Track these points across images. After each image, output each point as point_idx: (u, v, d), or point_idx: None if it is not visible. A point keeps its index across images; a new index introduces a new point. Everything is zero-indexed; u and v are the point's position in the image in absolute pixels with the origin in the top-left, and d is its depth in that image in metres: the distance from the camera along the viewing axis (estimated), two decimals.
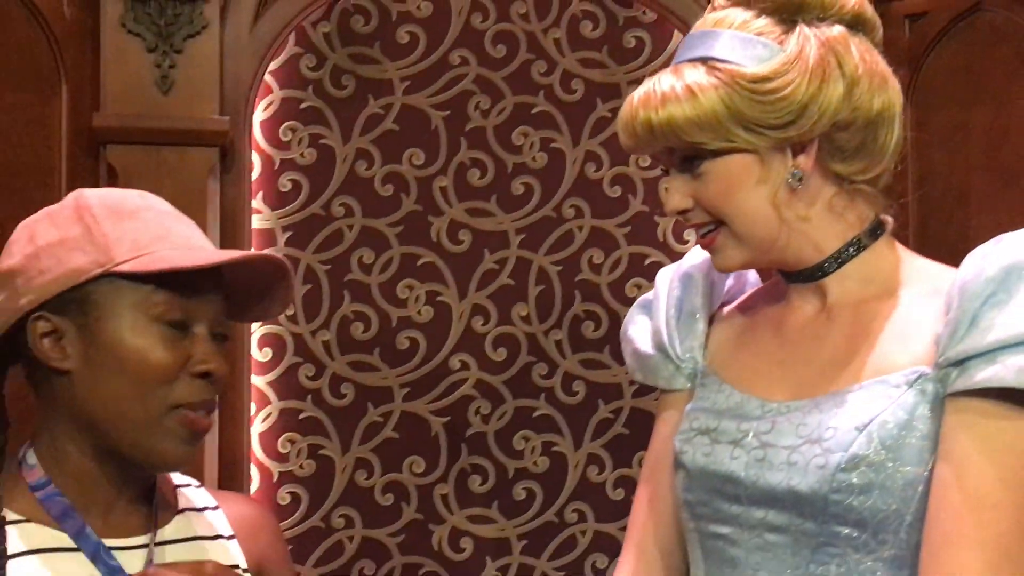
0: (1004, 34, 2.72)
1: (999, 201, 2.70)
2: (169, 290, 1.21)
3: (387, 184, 2.87)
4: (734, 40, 1.28)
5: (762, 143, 1.26)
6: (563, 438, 2.88)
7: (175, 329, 1.22)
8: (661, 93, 1.26)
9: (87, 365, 1.21)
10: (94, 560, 1.21)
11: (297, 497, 2.81)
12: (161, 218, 1.26)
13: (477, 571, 2.84)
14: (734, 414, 1.32)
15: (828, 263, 1.31)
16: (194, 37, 2.68)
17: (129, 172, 2.60)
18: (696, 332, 1.43)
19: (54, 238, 1.22)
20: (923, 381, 1.21)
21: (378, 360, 2.85)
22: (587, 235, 2.91)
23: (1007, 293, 1.15)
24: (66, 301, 1.21)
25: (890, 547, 1.21)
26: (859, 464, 1.19)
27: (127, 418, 1.21)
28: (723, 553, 1.30)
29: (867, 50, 1.30)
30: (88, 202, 1.25)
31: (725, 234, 1.30)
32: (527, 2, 2.92)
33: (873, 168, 1.30)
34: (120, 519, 1.26)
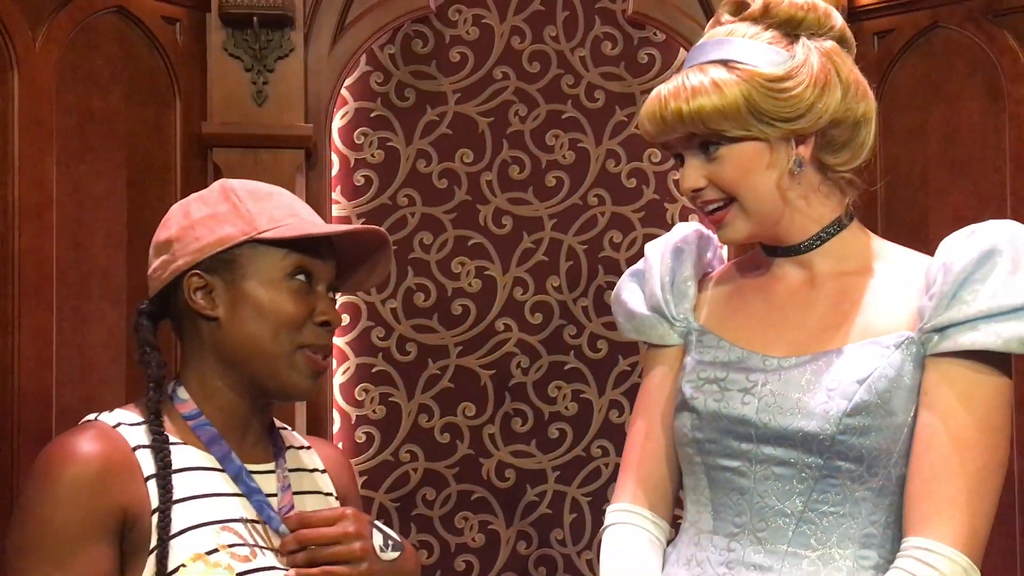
0: (957, 48, 2.70)
1: (952, 188, 2.69)
2: (298, 254, 1.23)
3: (442, 178, 2.91)
4: (749, 46, 1.26)
5: (773, 134, 1.25)
6: (589, 387, 2.91)
7: (302, 283, 1.24)
8: (691, 87, 1.24)
9: (232, 313, 1.22)
10: (236, 480, 1.22)
11: (371, 436, 2.86)
12: (290, 199, 1.29)
13: (519, 497, 2.87)
14: (739, 367, 1.31)
15: (814, 240, 1.30)
16: (283, 59, 2.72)
17: (231, 170, 2.61)
18: (688, 296, 1.41)
19: (206, 213, 1.25)
20: (908, 344, 1.22)
21: (436, 323, 2.89)
22: (608, 219, 2.93)
23: (982, 274, 1.17)
24: (216, 262, 1.23)
25: (879, 479, 1.22)
26: (861, 410, 1.20)
27: (264, 354, 1.22)
28: (732, 483, 1.29)
29: (852, 63, 1.30)
30: (232, 186, 1.27)
31: (736, 210, 1.28)
32: (557, 26, 2.93)
33: (855, 160, 1.30)
34: (250, 449, 1.27)
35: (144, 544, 1.14)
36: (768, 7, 1.29)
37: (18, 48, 2.42)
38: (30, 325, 2.41)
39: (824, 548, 1.24)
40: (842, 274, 1.30)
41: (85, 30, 2.54)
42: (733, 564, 1.28)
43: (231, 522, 1.20)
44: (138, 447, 1.18)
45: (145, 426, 1.20)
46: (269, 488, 1.27)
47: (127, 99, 2.60)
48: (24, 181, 2.41)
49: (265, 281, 1.23)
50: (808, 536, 1.24)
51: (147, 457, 1.18)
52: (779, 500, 1.26)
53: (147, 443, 1.18)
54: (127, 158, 2.60)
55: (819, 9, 1.30)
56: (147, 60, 2.65)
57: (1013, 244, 1.18)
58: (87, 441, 1.15)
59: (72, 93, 2.52)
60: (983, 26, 2.67)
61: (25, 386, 2.39)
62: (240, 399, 1.25)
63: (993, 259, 1.17)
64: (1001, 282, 1.16)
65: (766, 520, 1.26)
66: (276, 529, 1.22)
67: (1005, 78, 2.64)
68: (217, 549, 1.16)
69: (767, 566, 1.25)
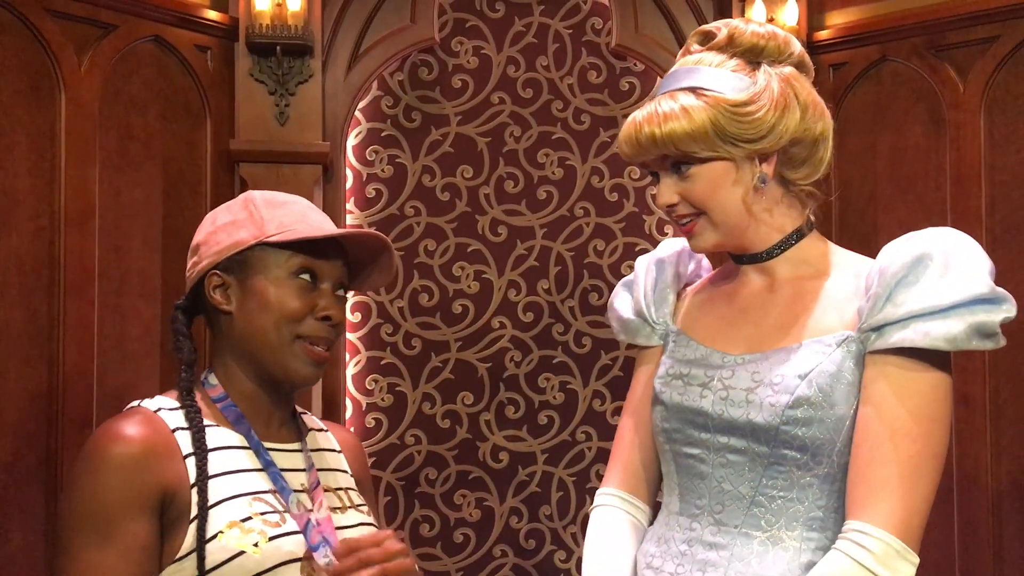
0: (904, 79, 2.72)
1: (899, 203, 2.70)
2: (304, 255, 1.23)
3: (445, 192, 2.90)
4: (715, 74, 1.24)
5: (738, 153, 1.23)
6: (575, 379, 2.91)
7: (306, 282, 1.23)
8: (662, 113, 1.22)
9: (243, 307, 1.23)
10: (256, 453, 1.22)
11: (380, 422, 2.86)
12: (305, 207, 1.28)
13: (511, 476, 2.87)
14: (701, 363, 1.30)
15: (774, 248, 1.28)
16: (303, 84, 2.72)
17: (256, 183, 2.62)
18: (668, 302, 1.41)
19: (228, 220, 1.26)
20: (848, 342, 1.19)
21: (439, 321, 2.88)
22: (592, 229, 2.93)
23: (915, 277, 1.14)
24: (232, 262, 1.23)
25: (824, 467, 1.20)
26: (802, 403, 1.18)
27: (268, 344, 1.22)
28: (693, 468, 1.29)
29: (810, 86, 1.28)
30: (253, 196, 1.28)
31: (704, 222, 1.26)
32: (548, 57, 2.94)
33: (814, 175, 1.28)
34: (276, 430, 1.27)
35: (183, 516, 1.14)
36: (733, 37, 1.27)
37: (65, 72, 2.42)
38: (74, 320, 2.40)
39: (773, 529, 1.22)
40: (798, 279, 1.28)
41: (126, 56, 2.54)
42: (693, 542, 1.27)
43: (262, 493, 1.19)
44: (177, 429, 1.18)
45: (183, 410, 1.21)
46: (295, 464, 1.27)
47: (163, 118, 2.61)
48: (70, 191, 2.41)
49: (272, 279, 1.23)
50: (759, 518, 1.23)
51: (185, 437, 1.18)
52: (733, 484, 1.25)
53: (185, 425, 1.19)
54: (162, 171, 2.60)
55: (779, 37, 1.28)
56: (181, 84, 2.65)
57: (945, 249, 1.14)
58: (132, 425, 1.16)
59: (113, 113, 2.51)
60: (927, 59, 2.70)
61: (70, 374, 2.38)
62: (258, 387, 1.26)
63: (925, 263, 1.14)
64: (931, 284, 1.13)
65: (722, 503, 1.26)
66: (287, 500, 1.21)
67: (946, 105, 2.66)
68: (251, 517, 1.16)
69: (722, 544, 1.24)
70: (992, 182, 2.58)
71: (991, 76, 2.59)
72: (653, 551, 1.32)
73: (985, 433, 2.54)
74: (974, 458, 2.55)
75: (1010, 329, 1.14)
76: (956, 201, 2.61)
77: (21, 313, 2.33)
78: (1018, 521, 2.52)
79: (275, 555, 1.15)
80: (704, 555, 1.25)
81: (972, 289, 1.12)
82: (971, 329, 1.12)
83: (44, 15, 2.39)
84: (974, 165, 2.60)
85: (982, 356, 2.53)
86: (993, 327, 1.13)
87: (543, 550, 2.87)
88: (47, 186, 2.38)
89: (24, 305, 2.34)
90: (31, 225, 2.36)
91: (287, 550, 1.17)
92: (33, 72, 2.38)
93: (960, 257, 1.14)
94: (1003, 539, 2.53)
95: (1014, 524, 2.52)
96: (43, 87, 2.39)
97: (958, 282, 1.12)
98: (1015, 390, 2.53)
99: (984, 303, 1.13)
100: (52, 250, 2.38)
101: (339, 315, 1.25)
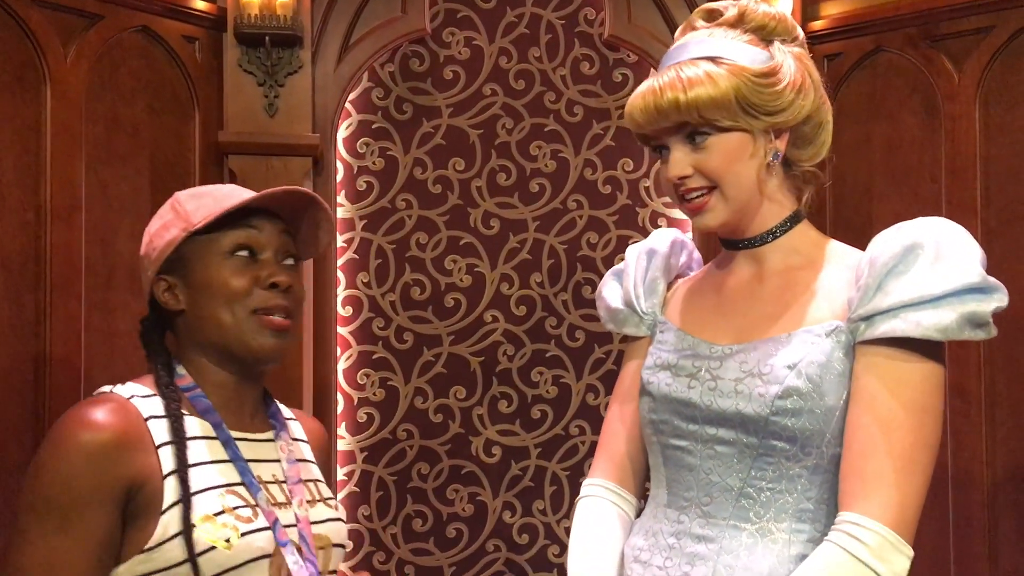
0: (898, 70, 2.71)
1: (894, 195, 2.69)
2: (234, 231, 1.23)
3: (437, 184, 2.88)
4: (733, 45, 1.24)
5: (757, 125, 1.22)
6: (568, 372, 2.90)
7: (244, 257, 1.23)
8: (687, 78, 1.20)
9: (192, 302, 1.24)
10: (225, 446, 1.22)
11: (372, 416, 2.84)
12: (228, 191, 1.28)
13: (504, 471, 2.86)
14: (689, 354, 1.29)
15: (770, 233, 1.28)
16: (293, 75, 2.70)
17: (245, 175, 2.62)
18: (657, 292, 1.41)
19: (159, 225, 1.27)
20: (838, 332, 1.19)
21: (431, 315, 2.87)
22: (585, 222, 2.91)
23: (905, 266, 1.13)
24: (171, 264, 1.24)
25: (813, 458, 1.20)
26: (791, 393, 1.18)
27: (225, 327, 1.22)
28: (681, 460, 1.28)
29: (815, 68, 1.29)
30: (178, 195, 1.29)
31: (716, 197, 1.24)
32: (541, 48, 2.92)
33: (817, 157, 1.28)
34: (247, 420, 1.28)
35: (151, 507, 1.12)
36: (743, 14, 1.27)
37: (51, 63, 2.39)
38: (61, 315, 2.37)
39: (762, 521, 1.21)
40: (788, 268, 1.28)
41: (112, 47, 2.51)
42: (681, 535, 1.26)
43: (234, 486, 1.19)
44: (150, 417, 1.17)
45: (157, 398, 1.20)
46: (268, 454, 1.27)
47: (150, 110, 2.58)
48: (56, 183, 2.38)
49: (210, 265, 1.23)
50: (747, 510, 1.22)
51: (158, 426, 1.16)
52: (721, 476, 1.24)
53: (158, 413, 1.18)
54: (150, 163, 2.57)
55: (788, 20, 1.29)
56: (169, 75, 2.62)
57: (935, 239, 1.14)
58: (102, 411, 1.14)
59: (100, 104, 2.48)
60: (921, 50, 2.68)
61: (57, 370, 2.36)
62: (228, 373, 1.26)
63: (916, 252, 1.13)
64: (922, 274, 1.12)
65: (711, 495, 1.25)
66: (255, 495, 1.20)
67: (941, 96, 2.64)
68: (223, 511, 1.15)
69: (710, 537, 1.24)
70: (987, 173, 2.57)
71: (986, 67, 2.57)
72: (641, 544, 1.31)
73: (980, 426, 2.54)
74: (970, 451, 2.54)
75: (1006, 321, 1.13)
76: (951, 192, 2.60)
77: (7, 308, 2.31)
78: (1013, 514, 2.52)
79: (246, 551, 1.15)
80: (692, 548, 1.25)
81: (963, 278, 1.11)
82: (962, 319, 1.11)
83: (29, 5, 2.36)
84: (969, 156, 2.58)
85: (977, 349, 2.53)
86: (984, 317, 1.12)
87: (536, 544, 2.86)
88: (33, 179, 2.35)
89: (10, 300, 2.31)
90: (16, 219, 2.33)
91: (258, 546, 1.17)
92: (18, 63, 2.35)
93: (951, 246, 1.13)
94: (998, 532, 2.53)
95: (1009, 517, 2.52)
96: (28, 78, 2.36)
97: (949, 272, 1.12)
98: (1011, 383, 2.53)
99: (975, 292, 1.12)
100: (38, 244, 2.35)
101: (287, 279, 1.24)
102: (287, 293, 1.24)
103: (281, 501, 1.24)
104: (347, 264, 2.85)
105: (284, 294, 1.24)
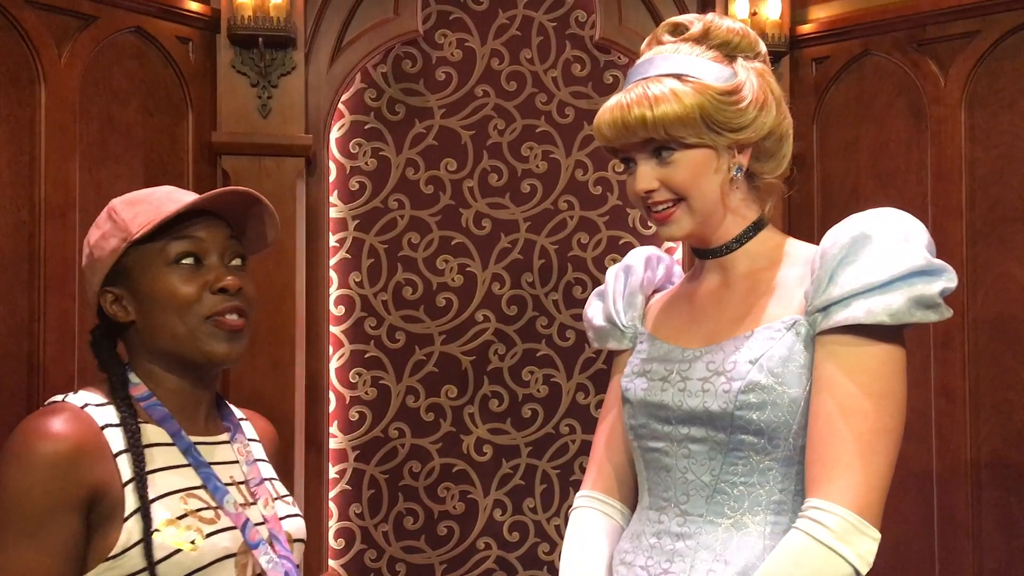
0: (885, 72, 2.73)
1: (881, 197, 2.69)
2: (177, 240, 1.22)
3: (429, 185, 2.89)
4: (697, 62, 1.26)
5: (721, 142, 1.24)
6: (558, 372, 2.91)
7: (190, 265, 1.22)
8: (653, 95, 1.22)
9: (141, 312, 1.22)
10: (186, 453, 1.21)
11: (364, 415, 2.85)
12: (164, 195, 1.25)
13: (495, 470, 2.87)
14: (662, 359, 1.33)
15: (735, 241, 1.31)
16: (286, 76, 2.70)
17: (238, 176, 2.61)
18: (636, 306, 1.45)
19: (98, 235, 1.25)
20: (797, 325, 1.21)
21: (423, 314, 2.87)
22: (576, 223, 2.93)
23: (855, 255, 1.16)
24: (115, 274, 1.23)
25: (782, 450, 1.21)
26: (754, 388, 1.20)
27: (179, 336, 1.21)
28: (659, 462, 1.31)
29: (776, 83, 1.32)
30: (114, 203, 1.26)
31: (682, 209, 1.27)
32: (532, 50, 2.93)
33: (778, 169, 1.31)
34: (203, 424, 1.27)
35: (114, 514, 1.13)
36: (708, 30, 1.29)
37: (45, 63, 2.39)
38: (55, 314, 2.37)
39: (737, 515, 1.23)
40: (753, 272, 1.31)
41: (106, 47, 2.51)
42: (661, 534, 1.29)
43: (194, 489, 1.19)
44: (106, 426, 1.16)
45: (111, 406, 1.19)
46: (225, 457, 1.27)
47: (144, 110, 2.57)
48: (50, 183, 2.38)
49: (155, 275, 1.21)
50: (722, 505, 1.24)
51: (114, 434, 1.16)
52: (695, 474, 1.26)
53: (114, 422, 1.17)
54: (144, 163, 2.56)
55: (751, 35, 1.31)
56: (162, 75, 2.62)
57: (881, 227, 1.17)
58: (59, 421, 1.13)
59: (94, 104, 2.48)
60: (908, 54, 2.70)
61: (50, 369, 2.36)
62: (182, 379, 1.25)
63: (863, 242, 1.16)
64: (870, 262, 1.15)
65: (687, 493, 1.27)
66: (221, 499, 1.20)
67: (927, 100, 2.67)
68: (186, 514, 1.16)
69: (688, 533, 1.26)
70: (972, 176, 2.59)
71: (971, 71, 2.60)
72: (627, 547, 1.34)
73: (965, 425, 2.56)
74: (954, 450, 2.57)
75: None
76: (937, 195, 2.62)
77: (1, 306, 2.31)
78: (997, 511, 2.55)
79: (211, 552, 1.16)
80: (672, 546, 1.27)
81: (908, 262, 1.14)
82: (911, 302, 1.14)
83: (23, 6, 2.36)
84: (955, 159, 2.61)
85: (962, 347, 2.55)
86: (933, 298, 1.15)
87: (527, 542, 2.87)
88: (27, 179, 2.35)
89: (4, 299, 2.32)
90: (11, 218, 2.33)
91: (223, 546, 1.18)
92: (12, 63, 2.35)
93: (896, 232, 1.16)
94: (982, 530, 2.56)
95: (993, 514, 2.55)
96: (22, 79, 2.36)
97: (895, 257, 1.14)
98: (994, 383, 2.56)
99: (922, 275, 1.15)
100: (32, 243, 2.35)
101: (235, 282, 1.23)
102: (237, 294, 1.24)
103: (242, 502, 1.24)
104: (339, 264, 2.86)
105: (235, 296, 1.23)
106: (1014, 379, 2.53)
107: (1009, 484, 2.54)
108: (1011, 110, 2.56)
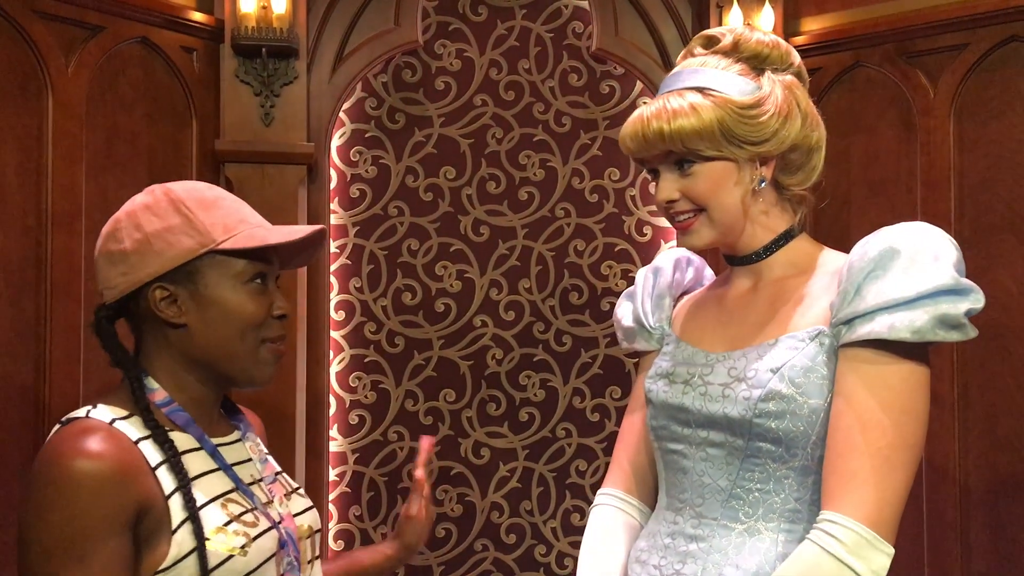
0: (876, 84, 2.74)
1: (871, 206, 2.73)
2: (256, 261, 1.21)
3: (428, 192, 2.91)
4: (722, 75, 1.25)
5: (741, 155, 1.24)
6: (555, 376, 2.92)
7: (259, 285, 1.21)
8: (672, 109, 1.23)
9: (200, 319, 1.18)
10: (213, 457, 1.20)
11: (363, 418, 2.86)
12: (237, 205, 1.23)
13: (492, 472, 2.89)
14: (687, 362, 1.32)
15: (764, 250, 1.30)
16: (288, 85, 2.72)
17: (241, 183, 2.64)
18: (664, 308, 1.44)
19: (160, 226, 1.18)
20: (821, 336, 1.20)
21: (422, 319, 2.89)
22: (573, 230, 2.94)
23: (883, 270, 1.14)
24: (178, 274, 1.17)
25: (800, 459, 1.20)
26: (774, 396, 1.19)
27: (233, 353, 1.19)
28: (677, 464, 1.31)
29: (807, 95, 1.30)
30: (179, 196, 1.19)
31: (703, 219, 1.27)
32: (530, 60, 2.95)
33: (807, 181, 1.30)
34: (216, 425, 1.26)
35: (161, 528, 1.11)
36: (738, 43, 1.29)
37: (52, 72, 2.42)
38: (61, 319, 2.39)
39: (751, 521, 1.23)
40: (783, 279, 1.30)
41: (112, 57, 2.54)
42: (676, 535, 1.29)
43: (230, 493, 1.18)
44: (139, 440, 1.13)
45: (137, 419, 1.16)
46: (239, 456, 1.26)
47: (149, 119, 2.60)
48: (56, 190, 2.40)
49: (228, 288, 1.19)
50: (737, 510, 1.24)
51: (148, 448, 1.13)
52: (712, 478, 1.26)
53: (144, 435, 1.14)
54: (148, 171, 2.58)
55: (782, 47, 1.30)
56: (167, 84, 2.64)
57: (911, 243, 1.15)
58: (95, 441, 1.09)
59: (100, 113, 2.50)
60: (899, 66, 2.72)
61: (56, 373, 2.38)
62: (208, 389, 1.23)
63: (892, 257, 1.14)
64: (897, 277, 1.13)
65: (703, 496, 1.27)
66: (253, 500, 1.20)
67: (917, 111, 2.69)
68: (231, 520, 1.15)
69: (702, 536, 1.26)
70: (961, 185, 2.62)
71: (960, 82, 2.62)
72: (643, 545, 1.34)
73: (953, 429, 2.58)
74: (943, 454, 2.59)
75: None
76: (926, 204, 2.64)
77: (8, 312, 2.33)
78: (985, 515, 2.57)
79: (259, 555, 1.16)
80: (685, 547, 1.27)
81: (936, 280, 1.12)
82: (935, 320, 1.12)
83: (31, 17, 2.39)
84: (943, 168, 2.63)
85: (951, 355, 2.58)
86: (958, 318, 1.12)
87: (523, 544, 2.88)
88: (34, 186, 2.38)
89: (11, 304, 2.34)
90: (18, 224, 2.36)
91: (267, 547, 1.18)
92: (20, 73, 2.38)
93: (926, 250, 1.14)
94: (970, 532, 2.58)
95: (981, 518, 2.57)
96: (30, 88, 2.39)
97: (922, 274, 1.13)
98: (983, 388, 2.58)
99: (948, 294, 1.13)
100: (39, 250, 2.37)
101: (291, 310, 1.26)
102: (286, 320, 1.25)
103: (265, 500, 1.23)
104: (340, 270, 2.87)
105: (285, 322, 1.24)
106: (1002, 385, 2.55)
107: (996, 488, 2.56)
108: (999, 121, 2.59)
